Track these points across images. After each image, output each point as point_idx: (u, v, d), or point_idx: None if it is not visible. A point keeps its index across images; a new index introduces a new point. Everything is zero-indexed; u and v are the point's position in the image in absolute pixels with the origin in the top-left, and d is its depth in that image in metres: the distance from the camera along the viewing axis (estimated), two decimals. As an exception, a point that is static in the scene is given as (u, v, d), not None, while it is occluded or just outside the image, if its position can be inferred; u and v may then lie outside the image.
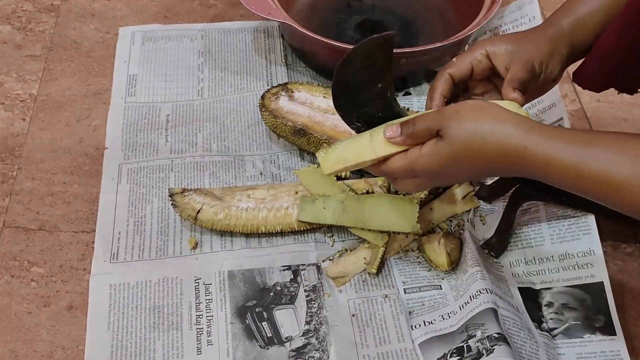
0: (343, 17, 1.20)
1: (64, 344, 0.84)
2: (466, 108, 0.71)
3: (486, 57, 0.82)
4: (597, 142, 0.67)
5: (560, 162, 0.66)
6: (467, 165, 0.72)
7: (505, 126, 0.69)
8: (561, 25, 0.82)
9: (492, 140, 0.69)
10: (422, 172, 0.74)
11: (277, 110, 1.01)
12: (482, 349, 0.78)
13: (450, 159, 0.71)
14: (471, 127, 0.69)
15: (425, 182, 0.77)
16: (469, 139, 0.69)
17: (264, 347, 0.84)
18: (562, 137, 0.68)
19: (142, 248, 0.92)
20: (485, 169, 0.72)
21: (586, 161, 0.65)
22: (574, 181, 0.67)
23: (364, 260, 0.91)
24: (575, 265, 0.88)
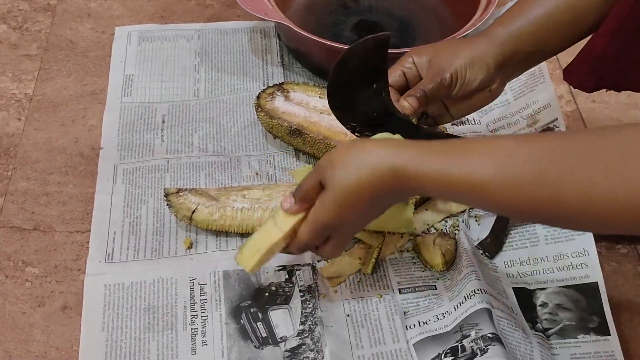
0: (339, 17, 1.20)
1: (58, 345, 0.84)
2: (336, 152, 0.72)
3: (413, 64, 0.85)
4: (463, 148, 0.67)
5: (430, 174, 0.66)
6: (357, 205, 0.71)
7: (373, 154, 0.69)
8: (493, 36, 0.84)
9: (365, 173, 0.69)
10: (326, 228, 0.74)
11: (273, 110, 1.01)
12: (476, 349, 0.78)
13: (340, 205, 0.71)
14: (344, 169, 0.70)
15: (338, 237, 0.76)
16: (345, 180, 0.69)
17: (258, 347, 0.83)
18: (430, 149, 0.68)
19: (137, 248, 0.92)
20: (375, 201, 0.72)
21: (452, 169, 0.65)
22: (446, 190, 0.67)
23: (359, 260, 0.91)
24: (570, 265, 0.88)
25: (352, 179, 0.69)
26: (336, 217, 0.72)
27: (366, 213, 0.74)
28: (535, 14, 0.83)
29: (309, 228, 0.75)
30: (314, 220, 0.74)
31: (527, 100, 1.04)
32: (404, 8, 1.22)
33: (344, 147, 0.72)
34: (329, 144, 0.96)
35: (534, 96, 1.04)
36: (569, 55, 0.88)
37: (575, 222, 0.64)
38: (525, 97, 1.05)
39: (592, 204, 0.58)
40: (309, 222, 0.75)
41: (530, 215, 0.70)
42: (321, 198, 0.72)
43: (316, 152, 0.99)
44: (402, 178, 0.67)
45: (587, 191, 0.58)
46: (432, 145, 0.69)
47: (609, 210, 0.58)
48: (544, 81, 1.04)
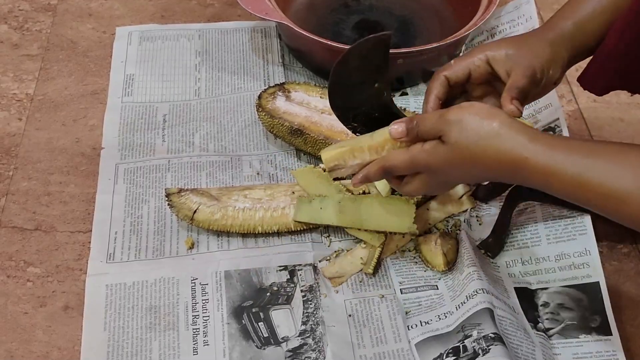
0: (340, 17, 1.20)
1: (60, 344, 0.84)
2: (469, 115, 0.71)
3: (486, 62, 0.81)
4: (599, 152, 0.67)
5: (561, 173, 0.66)
6: (467, 169, 0.72)
7: (507, 136, 0.69)
8: (562, 28, 0.82)
9: (493, 151, 0.69)
10: (422, 167, 0.74)
11: (274, 110, 1.01)
12: (478, 349, 0.78)
13: (450, 162, 0.72)
14: (473, 136, 0.70)
15: (426, 180, 0.76)
16: (470, 146, 0.70)
17: (260, 347, 0.83)
18: (564, 147, 0.67)
19: (138, 248, 0.92)
20: (486, 175, 0.73)
21: (587, 172, 0.65)
22: (574, 192, 0.67)
23: (360, 260, 0.91)
24: (572, 265, 0.88)
25: (478, 151, 0.70)
26: (440, 168, 0.73)
27: (472, 177, 0.76)
28: (599, 5, 0.81)
29: (406, 157, 0.75)
30: (416, 155, 0.74)
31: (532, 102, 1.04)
32: (405, 7, 1.22)
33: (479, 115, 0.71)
34: (330, 144, 0.96)
35: (535, 96, 1.04)
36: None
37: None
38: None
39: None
40: (410, 153, 0.74)
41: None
42: (435, 146, 0.72)
43: (317, 152, 0.99)
44: (529, 170, 0.67)
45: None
46: (564, 142, 0.68)
47: None
48: None
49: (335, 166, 0.81)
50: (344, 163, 0.80)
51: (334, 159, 0.81)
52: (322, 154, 0.81)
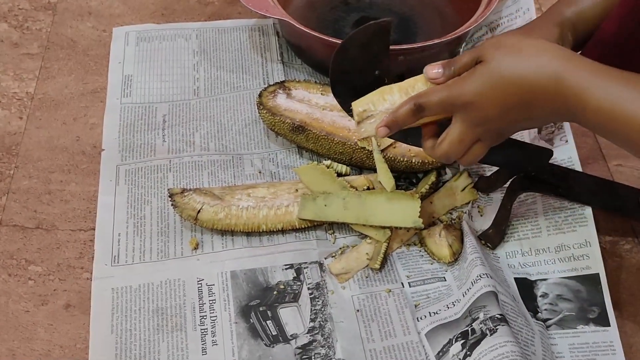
0: (340, 14, 1.20)
1: (62, 343, 0.84)
2: (507, 37, 0.69)
3: None
4: None
5: (598, 100, 0.63)
6: (505, 96, 0.67)
7: (544, 54, 0.66)
8: (564, 14, 0.80)
9: (530, 69, 0.65)
10: (458, 99, 0.69)
11: (275, 107, 1.01)
12: (485, 330, 0.79)
13: (489, 84, 0.67)
14: (510, 55, 0.67)
15: (463, 124, 0.71)
16: (507, 65, 0.66)
17: (269, 345, 0.83)
18: (607, 73, 0.64)
19: (142, 250, 0.92)
20: (525, 104, 0.67)
21: (627, 103, 0.62)
22: (610, 123, 0.63)
23: (366, 256, 0.91)
24: (571, 256, 0.88)
25: (513, 67, 0.66)
26: (477, 94, 0.68)
27: (508, 112, 0.68)
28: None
29: (444, 89, 0.70)
30: (453, 84, 0.70)
31: None
32: (405, 4, 1.22)
33: (516, 35, 0.70)
34: (332, 140, 0.96)
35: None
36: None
37: None
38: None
39: None
40: (447, 85, 0.70)
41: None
42: (473, 69, 0.69)
43: (319, 149, 0.99)
44: (565, 93, 0.64)
45: None
46: (607, 68, 0.65)
47: None
48: None
49: (365, 112, 0.76)
50: (373, 108, 0.76)
51: (363, 103, 0.76)
52: (352, 104, 0.77)
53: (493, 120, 0.70)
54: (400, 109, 0.73)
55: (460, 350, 0.80)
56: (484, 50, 0.68)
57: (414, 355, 0.82)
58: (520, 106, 0.68)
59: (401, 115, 0.73)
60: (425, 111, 0.72)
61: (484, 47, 0.69)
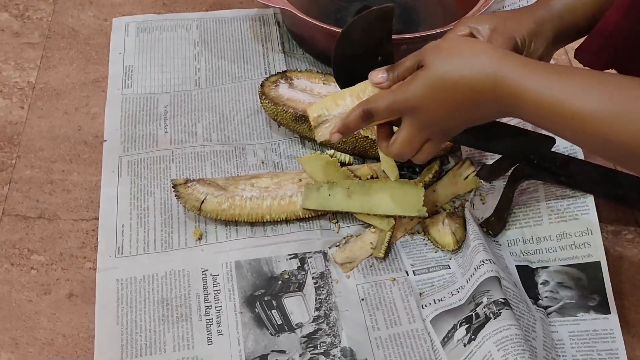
0: (342, 3, 1.20)
1: (65, 332, 0.84)
2: (445, 41, 0.71)
3: (470, 34, 0.80)
4: (570, 73, 0.66)
5: (530, 91, 0.65)
6: (448, 98, 0.70)
7: (481, 55, 0.68)
8: (551, 7, 0.81)
9: (467, 70, 0.68)
10: (405, 104, 0.72)
11: (277, 97, 1.01)
12: (489, 314, 0.79)
13: (431, 87, 0.69)
14: (449, 58, 0.69)
15: (411, 127, 0.74)
16: (446, 67, 0.69)
17: (274, 334, 0.84)
18: (536, 67, 0.67)
19: (146, 241, 0.92)
20: (467, 104, 0.70)
21: (555, 91, 0.64)
22: (543, 112, 0.65)
23: (370, 245, 0.91)
24: (573, 244, 0.88)
25: (453, 70, 0.68)
26: (421, 98, 0.71)
27: (453, 112, 0.71)
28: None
29: (390, 95, 0.73)
30: (398, 90, 0.72)
31: None
32: (408, -6, 1.22)
33: (454, 39, 0.72)
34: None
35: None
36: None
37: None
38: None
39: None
40: (393, 90, 0.73)
41: (624, 156, 0.66)
42: (415, 74, 0.71)
43: (322, 138, 0.99)
44: (501, 89, 0.66)
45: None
46: (540, 63, 0.67)
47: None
48: None
49: (320, 117, 0.80)
50: (327, 113, 0.80)
51: (318, 109, 0.80)
52: (307, 110, 0.81)
53: (439, 121, 0.73)
54: (350, 115, 0.76)
55: (464, 335, 0.80)
56: (424, 54, 0.71)
57: (420, 342, 0.83)
58: (462, 106, 0.70)
59: (352, 121, 0.76)
60: (374, 117, 0.75)
61: (424, 51, 0.71)
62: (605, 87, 0.63)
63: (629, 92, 0.62)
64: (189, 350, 0.82)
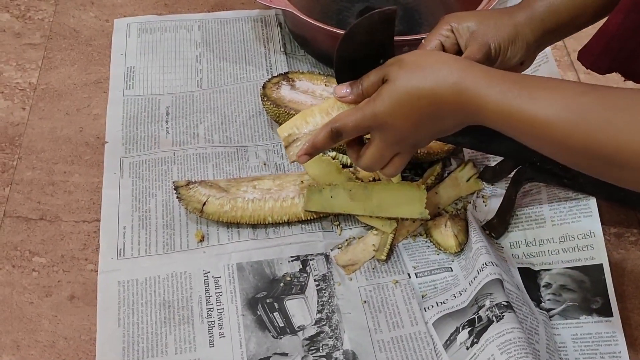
0: (344, 4, 1.20)
1: (66, 334, 0.84)
2: (407, 55, 0.72)
3: (451, 32, 0.81)
4: (531, 81, 0.67)
5: (491, 99, 0.66)
6: (413, 111, 0.70)
7: (443, 66, 0.69)
8: (533, 10, 0.81)
9: (430, 82, 0.68)
10: (372, 120, 0.72)
11: (279, 99, 1.01)
12: (492, 317, 0.79)
13: (397, 102, 0.70)
14: (412, 72, 0.70)
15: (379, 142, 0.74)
16: (410, 81, 0.69)
17: (276, 337, 0.83)
18: (497, 76, 0.67)
19: (148, 243, 0.91)
20: (432, 116, 0.71)
21: (516, 99, 0.65)
22: (505, 120, 0.66)
23: (372, 247, 0.91)
24: (575, 247, 0.88)
25: (416, 84, 0.69)
26: (388, 113, 0.71)
27: (419, 124, 0.72)
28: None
29: (355, 113, 0.73)
30: (364, 107, 0.73)
31: None
32: (410, -5, 1.22)
33: (416, 53, 0.72)
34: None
35: (538, 76, 1.03)
36: (576, 42, 0.88)
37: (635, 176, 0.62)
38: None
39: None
40: (359, 108, 0.73)
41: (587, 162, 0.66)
42: (380, 89, 0.71)
43: (324, 141, 0.99)
44: (464, 99, 0.67)
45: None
46: (501, 73, 0.68)
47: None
48: (547, 61, 1.03)
49: (290, 136, 0.79)
50: (297, 131, 0.79)
51: (288, 128, 0.80)
52: (278, 130, 0.81)
53: (406, 135, 0.73)
54: (319, 135, 0.76)
55: (467, 338, 0.80)
56: (388, 69, 0.71)
57: (422, 345, 0.83)
58: (428, 118, 0.71)
59: (320, 140, 0.76)
60: (343, 135, 0.75)
61: (388, 66, 0.72)
62: (562, 94, 0.64)
63: (582, 98, 0.63)
64: (190, 353, 0.82)
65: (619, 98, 0.62)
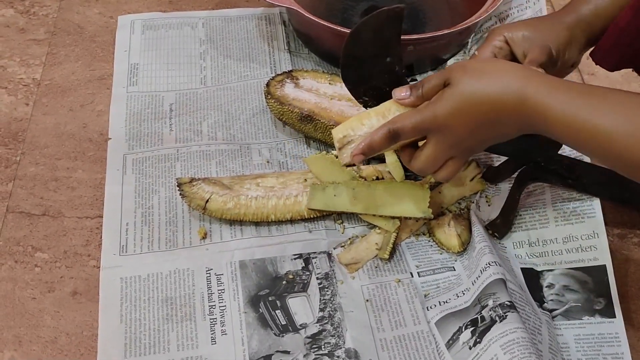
0: (349, 3, 1.19)
1: (68, 330, 0.84)
2: (470, 62, 0.73)
3: (505, 43, 0.82)
4: (596, 93, 0.67)
5: (555, 109, 0.66)
6: (474, 116, 0.71)
7: (506, 75, 0.69)
8: (580, 12, 0.82)
9: (494, 87, 0.69)
10: (431, 123, 0.72)
11: (283, 97, 1.01)
12: (494, 317, 0.79)
13: (458, 106, 0.70)
14: (475, 77, 0.70)
15: (435, 145, 0.74)
16: (474, 85, 0.70)
17: (278, 334, 0.83)
18: (562, 85, 0.68)
19: (151, 239, 0.91)
20: (493, 121, 0.71)
21: (580, 110, 0.65)
22: (568, 131, 0.67)
23: (375, 246, 0.91)
24: (579, 247, 0.88)
25: (479, 89, 0.69)
26: (448, 116, 0.71)
27: (478, 129, 0.72)
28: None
29: (415, 115, 0.73)
30: (424, 109, 0.73)
31: None
32: (415, -6, 1.21)
33: (479, 60, 0.73)
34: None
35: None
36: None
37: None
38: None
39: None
40: (419, 110, 0.73)
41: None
42: (442, 92, 0.72)
43: (327, 139, 0.99)
44: (527, 106, 0.67)
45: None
46: (564, 82, 0.68)
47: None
48: None
49: (345, 138, 0.79)
50: (352, 133, 0.79)
51: (343, 130, 0.79)
52: (332, 131, 0.81)
53: (465, 140, 0.73)
54: (375, 135, 0.76)
55: (470, 338, 0.80)
56: (451, 73, 0.71)
57: (425, 344, 0.83)
58: (488, 124, 0.71)
59: (376, 141, 0.76)
60: (401, 136, 0.75)
61: (451, 71, 0.72)
62: (627, 105, 0.64)
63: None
64: (192, 350, 0.82)
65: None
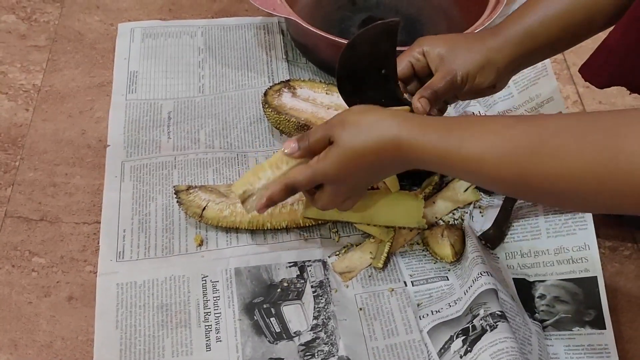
0: (347, 14, 1.21)
1: (64, 335, 0.84)
2: (348, 113, 0.76)
3: (423, 55, 0.84)
4: (464, 124, 0.70)
5: (427, 145, 0.70)
6: (359, 166, 0.75)
7: (382, 122, 0.73)
8: (508, 34, 0.83)
9: (371, 139, 0.73)
10: (324, 178, 0.77)
11: (280, 106, 1.01)
12: (485, 326, 0.80)
13: (344, 162, 0.74)
14: (354, 131, 0.73)
15: (331, 190, 0.79)
16: (353, 141, 0.73)
17: (272, 342, 0.84)
18: (432, 123, 0.71)
19: (147, 246, 0.92)
20: (376, 167, 0.75)
21: (447, 141, 0.69)
22: (443, 162, 0.70)
23: (370, 255, 0.91)
24: (570, 259, 0.89)
25: (359, 143, 0.73)
26: (337, 172, 0.75)
27: (366, 175, 0.77)
28: (551, 12, 0.82)
29: (307, 171, 0.77)
30: (315, 167, 0.77)
31: (530, 94, 1.04)
32: (412, 5, 1.22)
33: (357, 111, 0.76)
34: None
35: (537, 89, 1.04)
36: (576, 55, 0.89)
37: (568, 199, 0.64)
38: (529, 90, 1.05)
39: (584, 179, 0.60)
40: (309, 167, 0.77)
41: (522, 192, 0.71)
42: (328, 151, 0.75)
43: (323, 148, 1.00)
44: (403, 148, 0.71)
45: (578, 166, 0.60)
46: (435, 120, 0.73)
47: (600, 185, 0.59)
48: (547, 74, 1.04)
49: (246, 193, 0.82)
50: (252, 187, 0.82)
51: (242, 186, 0.82)
52: (232, 188, 0.83)
53: (356, 184, 0.79)
54: (274, 189, 0.80)
55: (461, 347, 0.80)
56: (333, 131, 0.75)
57: (416, 353, 0.83)
58: (374, 169, 0.76)
59: (276, 195, 0.80)
60: (297, 189, 0.80)
61: (332, 127, 0.75)
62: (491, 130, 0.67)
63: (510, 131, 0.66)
64: (187, 357, 0.82)
65: (547, 126, 0.64)
